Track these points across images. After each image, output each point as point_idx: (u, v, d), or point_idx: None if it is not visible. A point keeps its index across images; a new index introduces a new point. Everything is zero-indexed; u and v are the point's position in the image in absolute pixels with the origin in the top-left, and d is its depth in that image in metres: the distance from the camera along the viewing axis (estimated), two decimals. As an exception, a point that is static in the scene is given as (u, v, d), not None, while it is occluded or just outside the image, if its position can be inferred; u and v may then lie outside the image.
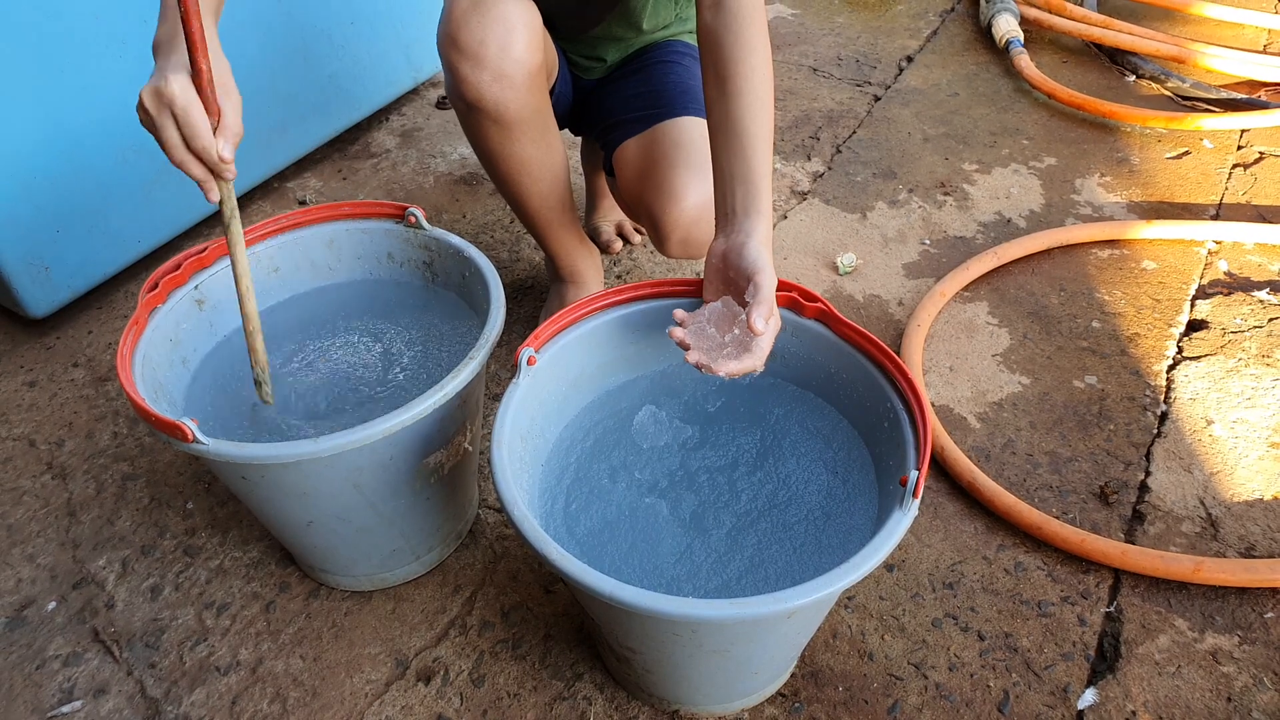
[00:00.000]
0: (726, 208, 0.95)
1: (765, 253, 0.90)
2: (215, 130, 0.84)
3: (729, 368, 0.87)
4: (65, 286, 1.50)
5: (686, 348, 0.90)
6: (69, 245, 1.48)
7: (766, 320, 0.86)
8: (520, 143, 1.16)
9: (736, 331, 0.90)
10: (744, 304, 0.90)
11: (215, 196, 0.89)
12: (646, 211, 1.22)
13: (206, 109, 0.83)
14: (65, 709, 1.04)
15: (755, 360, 0.88)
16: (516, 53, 1.07)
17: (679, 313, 0.94)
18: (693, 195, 1.16)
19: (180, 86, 0.81)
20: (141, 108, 0.83)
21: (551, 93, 1.27)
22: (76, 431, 1.36)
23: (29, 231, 1.41)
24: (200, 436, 0.86)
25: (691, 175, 1.17)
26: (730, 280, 0.93)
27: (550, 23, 1.27)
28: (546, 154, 1.20)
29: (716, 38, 0.99)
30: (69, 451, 1.33)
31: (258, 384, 1.01)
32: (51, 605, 1.14)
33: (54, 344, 1.52)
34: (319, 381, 1.08)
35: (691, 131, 1.21)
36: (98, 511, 1.25)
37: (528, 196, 1.25)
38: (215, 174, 0.86)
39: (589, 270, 1.43)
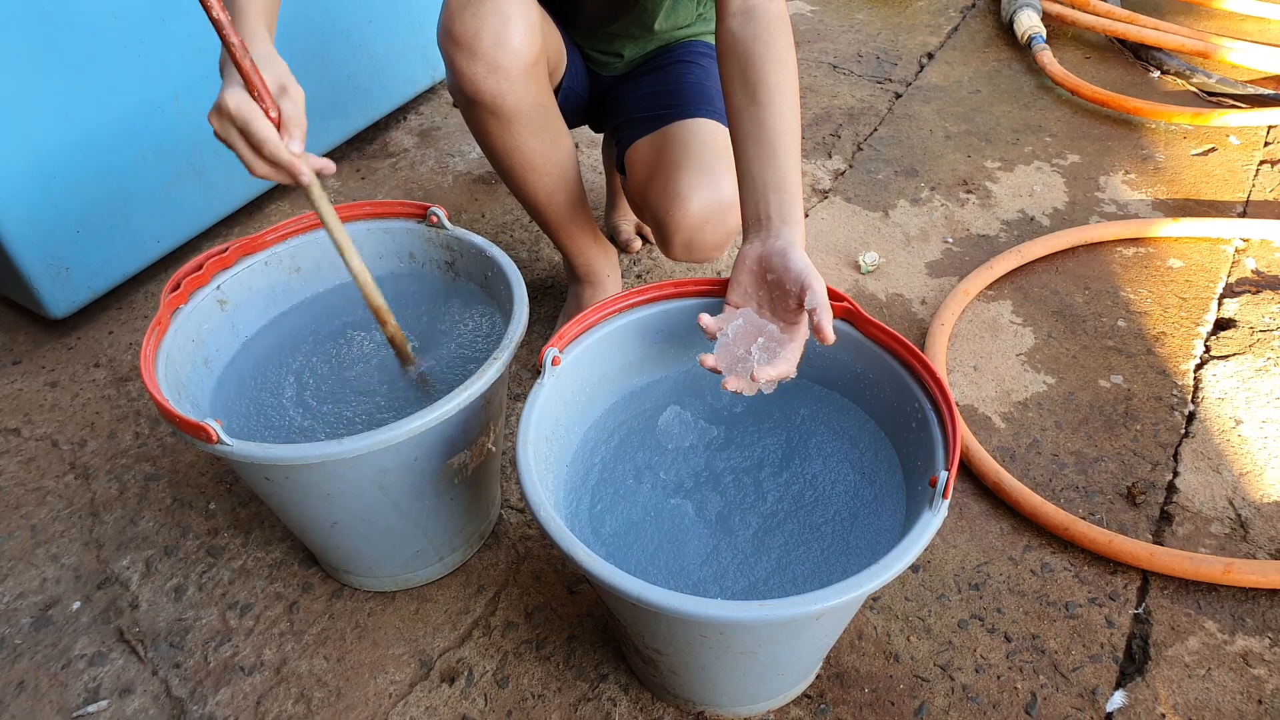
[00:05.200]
0: (760, 213, 0.94)
1: (808, 259, 0.90)
2: (279, 129, 0.86)
3: (767, 373, 0.86)
4: (85, 287, 1.51)
5: (719, 371, 0.91)
6: (89, 246, 1.48)
7: (832, 324, 0.86)
8: (521, 136, 1.16)
9: (761, 340, 0.90)
10: (786, 309, 0.90)
11: (307, 180, 0.91)
12: (652, 212, 1.21)
13: (265, 111, 0.85)
14: (91, 708, 1.04)
15: (788, 366, 0.88)
16: (512, 44, 1.06)
17: (705, 318, 0.93)
18: (699, 198, 1.15)
19: (236, 100, 0.84)
20: (214, 129, 0.86)
21: (560, 88, 1.26)
22: (98, 432, 1.37)
23: (49, 233, 1.42)
24: (224, 437, 0.86)
25: (699, 178, 1.15)
26: (769, 284, 0.92)
27: (565, 19, 1.27)
28: (551, 148, 1.20)
29: (745, 47, 0.99)
30: (91, 452, 1.34)
31: (397, 347, 1.04)
32: (76, 605, 1.14)
33: (75, 344, 1.53)
34: (343, 379, 1.08)
35: (703, 133, 1.19)
36: (120, 512, 1.25)
37: (534, 191, 1.24)
38: (290, 172, 0.88)
39: (605, 270, 1.42)
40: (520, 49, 1.07)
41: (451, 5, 1.07)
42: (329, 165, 0.92)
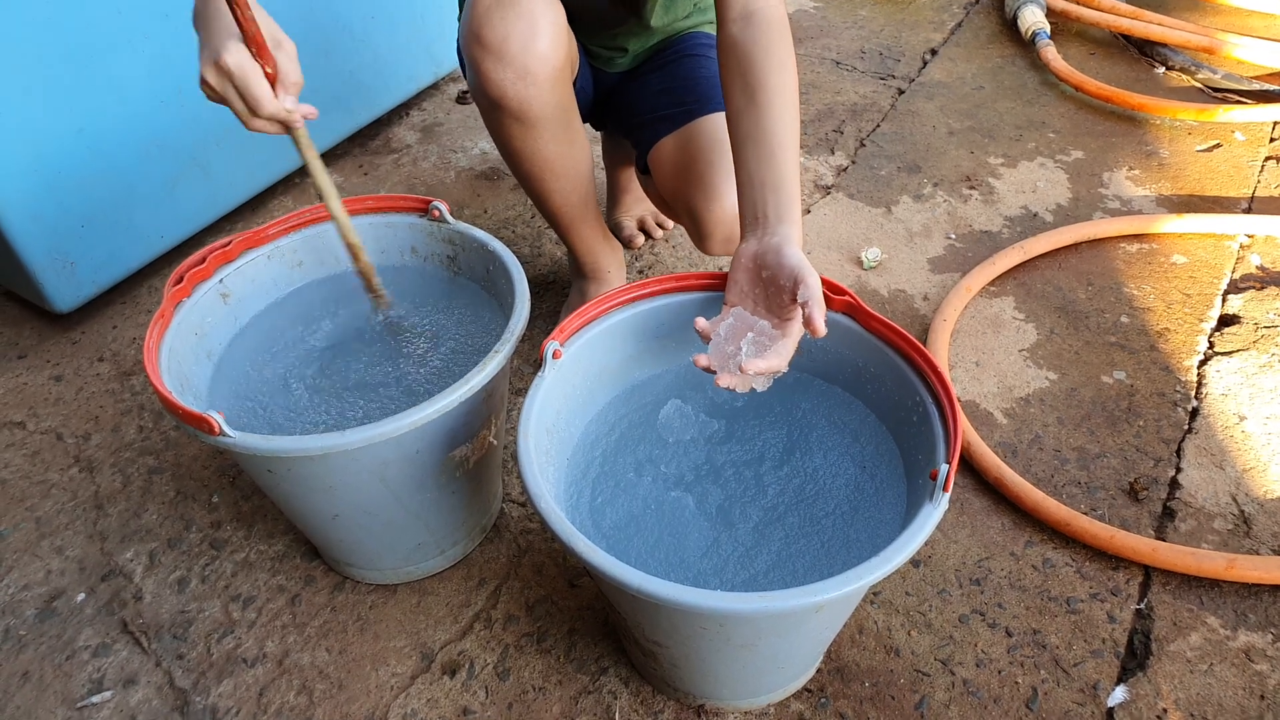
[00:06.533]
0: (757, 212, 0.95)
1: (803, 255, 0.90)
2: (274, 84, 0.87)
3: (755, 365, 0.86)
4: (90, 282, 1.51)
5: (714, 372, 0.91)
6: (93, 241, 1.49)
7: (824, 318, 0.86)
8: (543, 140, 1.16)
9: (751, 335, 0.90)
10: (781, 304, 0.90)
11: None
12: (688, 210, 1.21)
13: (263, 67, 0.85)
14: (95, 699, 1.04)
15: (779, 360, 0.88)
16: (540, 49, 1.06)
17: (700, 322, 0.94)
18: (735, 193, 1.16)
19: (236, 58, 0.83)
20: (205, 84, 0.85)
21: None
22: (103, 425, 1.37)
23: (54, 227, 1.42)
24: (227, 429, 0.86)
25: (732, 173, 1.16)
26: (764, 281, 0.92)
27: (572, 18, 1.27)
28: (570, 150, 1.20)
29: (745, 51, 0.99)
30: (95, 445, 1.34)
31: (371, 288, 1.07)
32: (81, 597, 1.15)
33: (79, 338, 1.53)
34: (344, 372, 1.08)
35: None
36: (124, 504, 1.26)
37: (550, 194, 1.24)
38: (287, 127, 0.90)
39: (611, 266, 1.42)
40: (548, 54, 1.07)
41: (479, 8, 1.06)
42: (312, 110, 0.92)
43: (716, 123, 1.21)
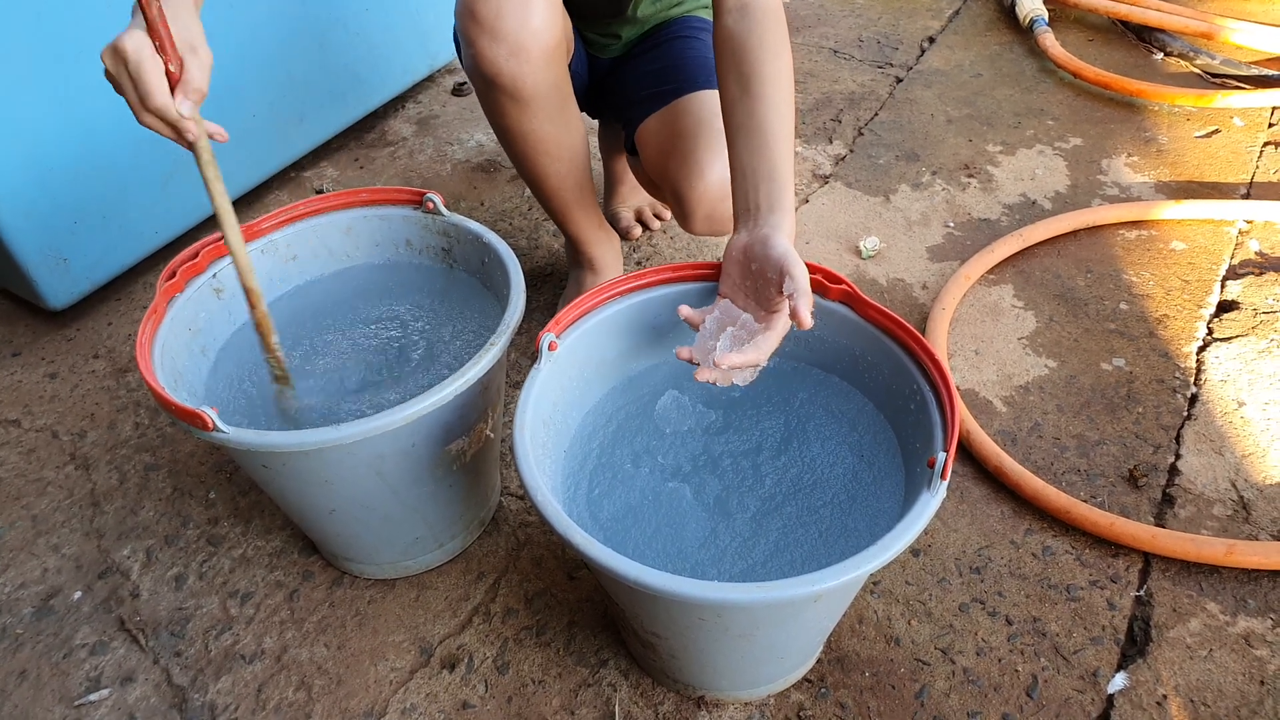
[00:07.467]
0: (749, 203, 0.94)
1: (792, 246, 0.89)
2: (175, 86, 0.82)
3: (730, 359, 0.85)
4: (84, 278, 1.51)
5: (695, 363, 0.91)
6: (87, 237, 1.48)
7: (811, 311, 0.85)
8: (538, 119, 1.15)
9: (731, 329, 0.89)
10: (768, 297, 0.89)
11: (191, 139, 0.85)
12: (671, 188, 1.21)
13: (166, 64, 0.80)
14: (93, 697, 1.04)
15: (757, 354, 0.86)
16: (534, 26, 1.06)
17: (684, 309, 0.94)
18: (718, 169, 1.15)
19: (135, 43, 0.78)
20: (104, 67, 0.81)
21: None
22: (98, 422, 1.37)
23: (47, 224, 1.41)
24: (220, 425, 0.86)
25: (716, 150, 1.16)
26: (752, 273, 0.92)
27: (567, 6, 1.26)
28: (565, 132, 1.19)
29: (740, 41, 0.99)
30: (91, 442, 1.34)
31: (276, 375, 1.01)
32: (78, 595, 1.15)
33: (74, 336, 1.53)
34: (339, 366, 1.08)
35: (713, 105, 1.20)
36: (121, 502, 1.25)
37: (545, 176, 1.24)
38: (180, 133, 0.84)
39: (608, 256, 1.41)
40: (542, 31, 1.07)
41: None
42: (220, 131, 0.87)
43: (701, 100, 1.21)
